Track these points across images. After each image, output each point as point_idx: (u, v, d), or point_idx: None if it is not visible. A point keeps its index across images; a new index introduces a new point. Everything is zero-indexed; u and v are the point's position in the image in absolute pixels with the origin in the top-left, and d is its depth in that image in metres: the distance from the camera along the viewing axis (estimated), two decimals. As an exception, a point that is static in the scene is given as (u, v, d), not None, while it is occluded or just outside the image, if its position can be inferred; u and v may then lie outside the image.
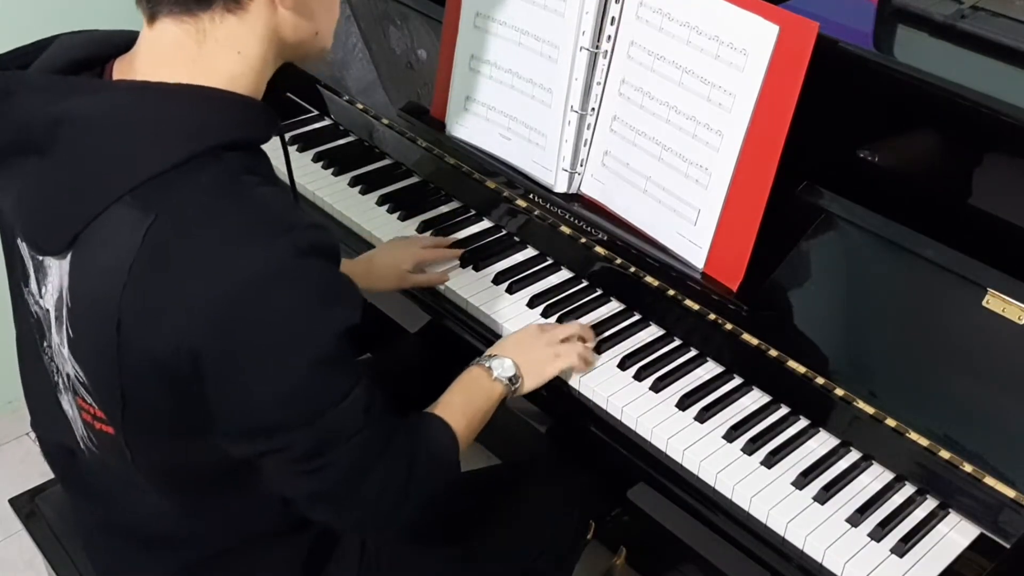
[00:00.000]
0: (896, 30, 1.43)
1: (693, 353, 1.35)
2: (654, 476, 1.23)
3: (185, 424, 0.96)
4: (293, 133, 1.81)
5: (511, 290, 1.45)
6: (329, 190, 1.67)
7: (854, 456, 1.21)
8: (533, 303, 1.43)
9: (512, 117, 1.48)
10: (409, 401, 1.10)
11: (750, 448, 1.21)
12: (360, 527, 1.03)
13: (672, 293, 1.35)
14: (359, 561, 1.20)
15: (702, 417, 1.25)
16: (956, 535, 1.13)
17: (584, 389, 1.30)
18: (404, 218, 1.60)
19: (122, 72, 0.95)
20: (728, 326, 1.29)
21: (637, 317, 1.41)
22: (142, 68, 0.93)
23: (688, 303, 1.33)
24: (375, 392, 0.99)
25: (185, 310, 0.86)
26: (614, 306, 1.43)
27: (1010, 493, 1.08)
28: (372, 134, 1.77)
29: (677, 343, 1.37)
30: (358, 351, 1.71)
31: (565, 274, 1.49)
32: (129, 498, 1.08)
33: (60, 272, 0.94)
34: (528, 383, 1.24)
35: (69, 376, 0.99)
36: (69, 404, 1.03)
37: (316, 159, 1.75)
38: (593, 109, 1.39)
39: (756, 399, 1.29)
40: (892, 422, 1.17)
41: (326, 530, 1.17)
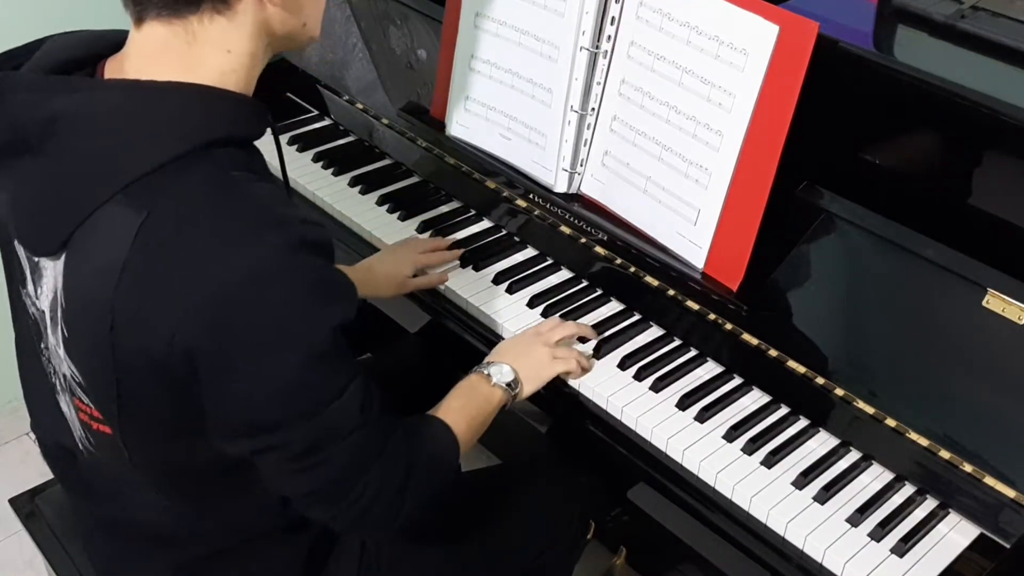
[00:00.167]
0: (896, 30, 1.43)
1: (693, 353, 1.35)
2: (654, 476, 1.23)
3: (182, 422, 0.96)
4: (293, 133, 1.81)
5: (511, 290, 1.45)
6: (329, 190, 1.67)
7: (854, 456, 1.21)
8: (533, 303, 1.43)
9: (512, 117, 1.48)
10: (409, 401, 1.10)
11: (750, 448, 1.21)
12: (358, 526, 1.03)
13: (672, 293, 1.35)
14: (359, 561, 1.20)
15: (702, 417, 1.25)
16: (956, 535, 1.13)
17: (584, 389, 1.30)
18: (404, 218, 1.60)
19: (113, 72, 0.95)
20: (728, 326, 1.29)
21: (637, 317, 1.41)
22: (132, 68, 0.93)
23: (688, 303, 1.33)
24: (372, 389, 0.99)
25: (178, 308, 0.86)
26: (614, 306, 1.43)
27: (1010, 493, 1.08)
28: (372, 134, 1.76)
29: (677, 343, 1.37)
30: (358, 351, 1.72)
31: (565, 274, 1.49)
32: (128, 498, 1.08)
33: (55, 273, 0.94)
34: (528, 388, 1.24)
35: (66, 376, 0.99)
36: (67, 405, 1.03)
37: (316, 159, 1.75)
38: (593, 109, 1.39)
39: (756, 399, 1.29)
40: (892, 422, 1.17)
41: (326, 529, 1.17)
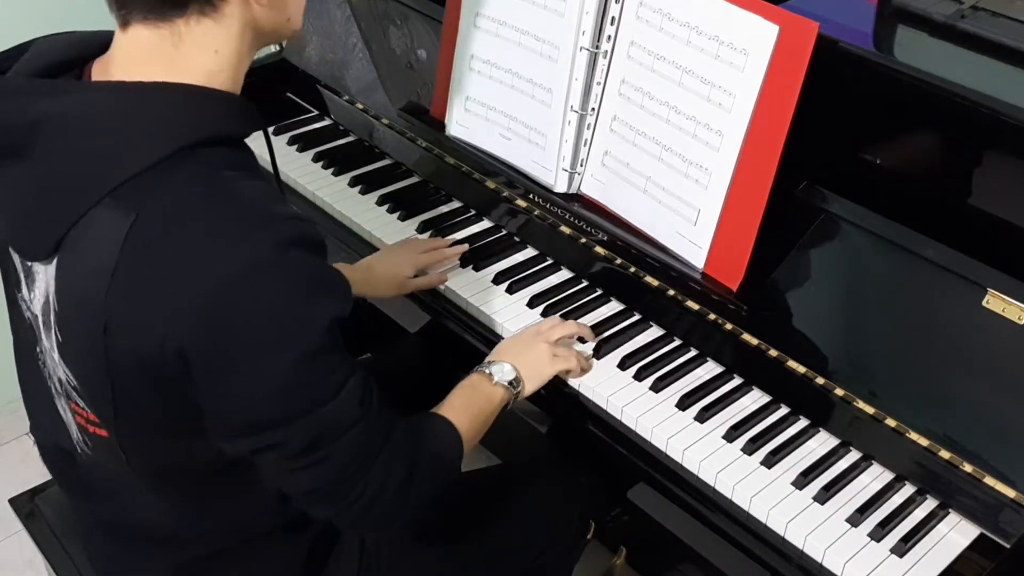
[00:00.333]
0: (896, 30, 1.43)
1: (693, 353, 1.35)
2: (654, 476, 1.23)
3: (178, 423, 0.96)
4: (293, 133, 1.81)
5: (511, 290, 1.45)
6: (329, 190, 1.67)
7: (854, 456, 1.21)
8: (533, 303, 1.43)
9: (512, 117, 1.47)
10: (409, 401, 1.10)
11: (750, 448, 1.21)
12: (361, 524, 1.03)
13: (672, 293, 1.35)
14: (359, 560, 1.20)
15: (702, 417, 1.25)
16: (956, 535, 1.13)
17: (584, 389, 1.30)
18: (404, 218, 1.60)
19: (99, 74, 0.95)
20: (728, 326, 1.29)
21: (637, 317, 1.41)
22: (118, 70, 0.93)
23: (688, 303, 1.33)
24: (371, 385, 0.98)
25: (170, 309, 0.86)
26: (614, 306, 1.43)
27: (1010, 493, 1.08)
28: (372, 134, 1.76)
29: (677, 343, 1.37)
30: (358, 351, 1.72)
31: (565, 274, 1.49)
32: (127, 499, 1.08)
33: (46, 277, 0.94)
34: (529, 386, 1.24)
35: (61, 380, 0.99)
36: (63, 408, 1.03)
37: (316, 159, 1.75)
38: (593, 109, 1.39)
39: (756, 399, 1.29)
40: (892, 422, 1.17)
41: (326, 529, 1.17)
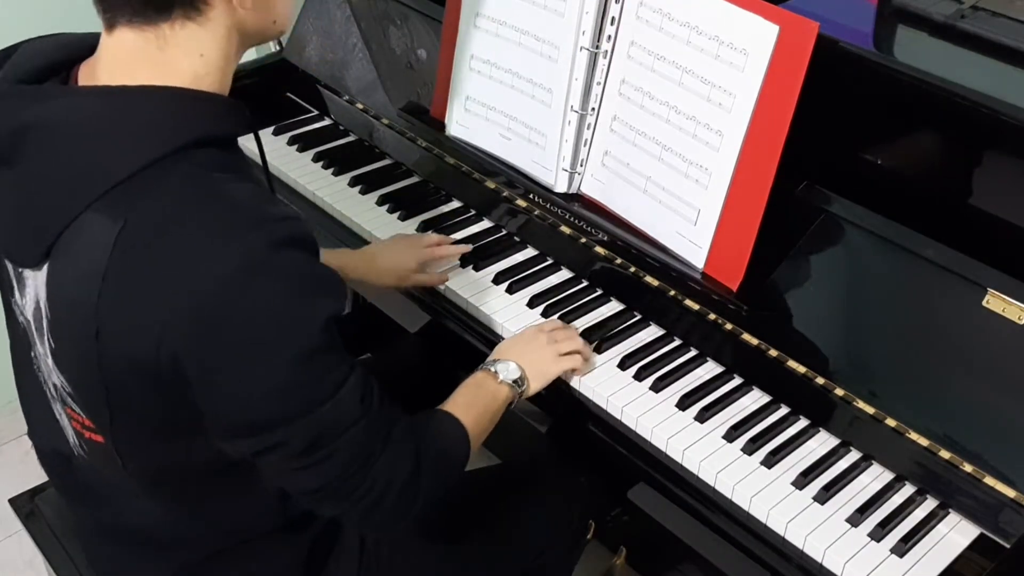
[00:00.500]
0: (896, 30, 1.43)
1: (693, 353, 1.35)
2: (654, 476, 1.23)
3: (175, 426, 0.95)
4: (293, 133, 1.81)
5: (511, 290, 1.45)
6: (329, 190, 1.67)
7: (854, 456, 1.21)
8: (533, 303, 1.43)
9: (512, 117, 1.47)
10: (409, 402, 1.10)
11: (750, 448, 1.21)
12: (369, 522, 1.02)
13: (672, 293, 1.35)
14: (359, 560, 1.20)
15: (702, 417, 1.25)
16: (956, 535, 1.13)
17: (584, 389, 1.30)
18: (404, 218, 1.60)
19: (86, 77, 0.95)
20: (728, 326, 1.29)
21: (637, 317, 1.41)
22: (105, 73, 0.93)
23: (688, 303, 1.33)
24: (371, 382, 0.98)
25: (162, 313, 0.86)
26: (614, 306, 1.43)
27: (1010, 493, 1.08)
28: (372, 134, 1.76)
29: (677, 343, 1.37)
30: (358, 351, 1.72)
31: (565, 274, 1.49)
32: (125, 503, 1.08)
33: (36, 283, 0.94)
34: (534, 385, 1.24)
35: (56, 386, 0.99)
36: (60, 413, 1.03)
37: (316, 159, 1.75)
38: (593, 109, 1.39)
39: (756, 399, 1.29)
40: (892, 422, 1.17)
41: (325, 529, 1.16)
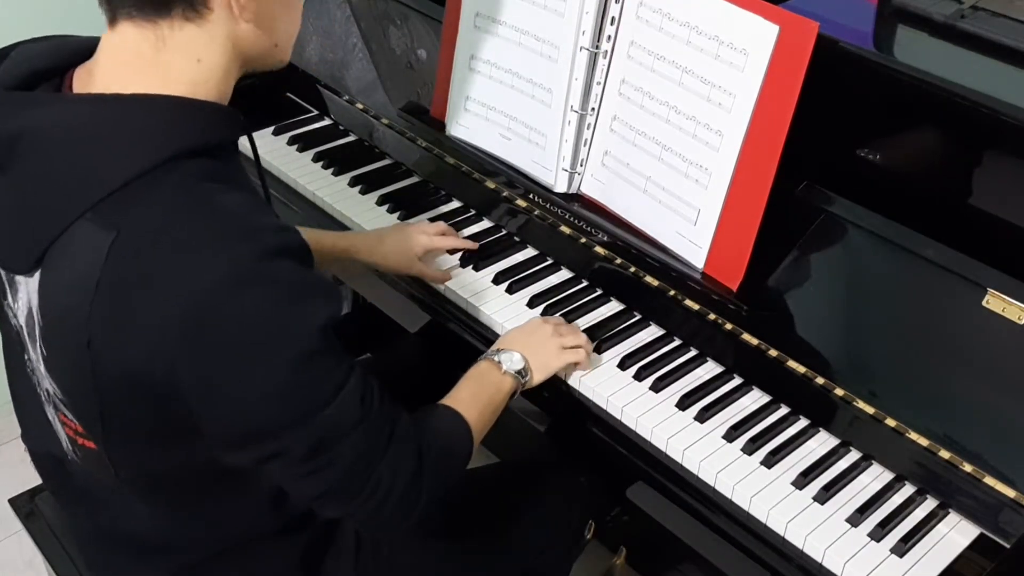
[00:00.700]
0: (896, 30, 1.43)
1: (693, 353, 1.35)
2: (654, 476, 1.23)
3: (168, 434, 0.95)
4: (293, 133, 1.81)
5: (511, 290, 1.45)
6: (329, 190, 1.67)
7: (854, 456, 1.21)
8: (533, 303, 1.43)
9: (512, 117, 1.48)
10: (409, 402, 1.10)
11: (750, 448, 1.21)
12: (375, 521, 1.02)
13: (672, 293, 1.35)
14: (355, 560, 1.20)
15: (702, 417, 1.25)
16: (956, 535, 1.13)
17: (584, 389, 1.30)
18: (404, 218, 1.60)
19: (82, 81, 0.94)
20: (728, 326, 1.29)
21: (637, 317, 1.41)
22: (102, 77, 0.92)
23: (688, 303, 1.33)
24: (371, 382, 0.98)
25: (154, 323, 0.86)
26: (614, 306, 1.43)
27: (1010, 493, 1.08)
28: (372, 134, 1.76)
29: (677, 343, 1.37)
30: (358, 351, 1.71)
31: (565, 274, 1.49)
32: (119, 507, 1.08)
33: (28, 290, 0.93)
34: (537, 376, 1.24)
35: (49, 392, 0.99)
36: (53, 417, 1.03)
37: (316, 159, 1.75)
38: (593, 109, 1.39)
39: (756, 399, 1.29)
40: (892, 422, 1.17)
41: (321, 529, 1.16)
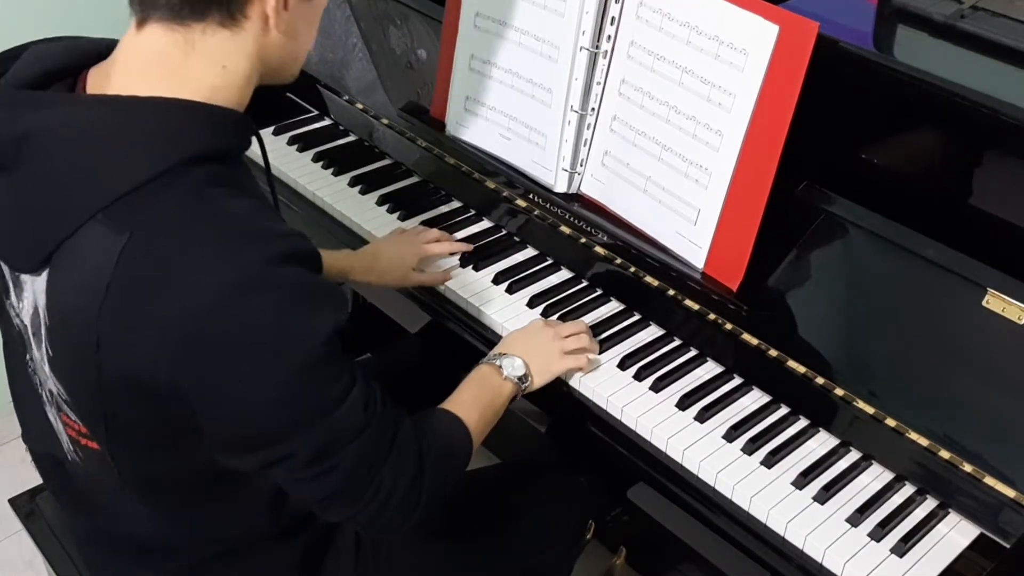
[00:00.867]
0: (896, 30, 1.43)
1: (693, 353, 1.35)
2: (654, 476, 1.23)
3: (171, 438, 0.95)
4: (293, 133, 1.81)
5: (511, 290, 1.45)
6: (329, 190, 1.67)
7: (854, 456, 1.21)
8: (533, 303, 1.43)
9: (512, 117, 1.48)
10: (409, 402, 1.10)
11: (750, 448, 1.21)
12: (377, 524, 1.02)
13: (672, 293, 1.35)
14: (355, 561, 1.20)
15: (702, 417, 1.25)
16: (956, 535, 1.13)
17: (584, 389, 1.30)
18: (404, 218, 1.60)
19: (96, 82, 0.94)
20: (728, 326, 1.29)
21: (637, 317, 1.41)
22: (119, 78, 0.92)
23: (688, 303, 1.33)
24: (374, 388, 0.98)
25: (163, 326, 0.86)
26: (614, 306, 1.43)
27: (1010, 493, 1.08)
28: (372, 134, 1.76)
29: (677, 343, 1.37)
30: (358, 351, 1.72)
31: (565, 274, 1.49)
32: (119, 508, 1.08)
33: (34, 289, 0.93)
34: (537, 381, 1.24)
35: (52, 392, 0.99)
36: (54, 418, 1.03)
37: (316, 159, 1.75)
38: (593, 109, 1.39)
39: (756, 399, 1.29)
40: (892, 422, 1.17)
41: (321, 530, 1.16)
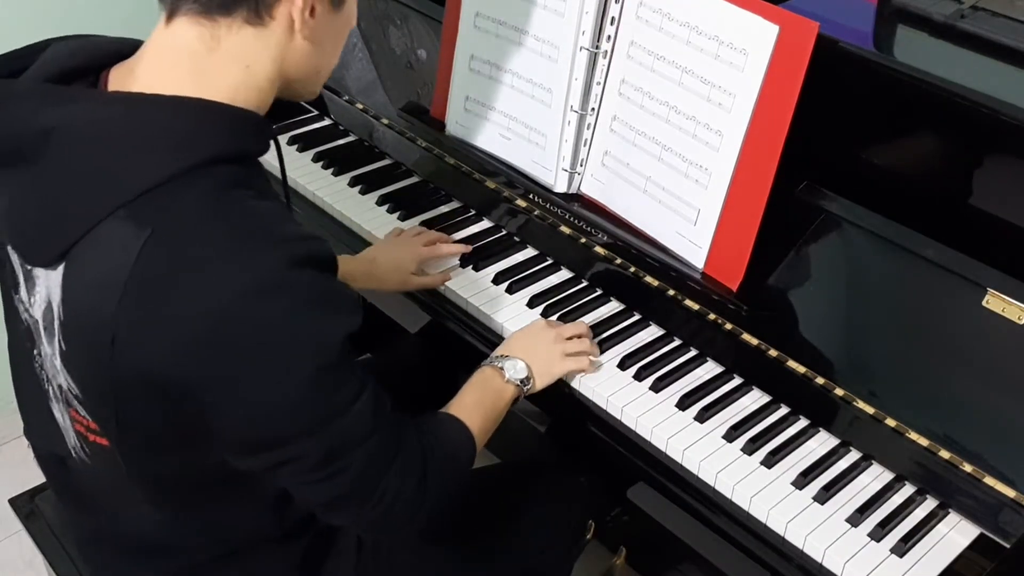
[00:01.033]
0: (896, 30, 1.43)
1: (693, 353, 1.35)
2: (654, 476, 1.23)
3: (181, 437, 0.95)
4: (293, 133, 1.81)
5: (511, 290, 1.45)
6: (329, 190, 1.67)
7: (854, 456, 1.21)
8: (533, 303, 1.43)
9: (512, 117, 1.48)
10: (409, 402, 1.10)
11: (750, 448, 1.21)
12: (380, 528, 1.03)
13: (672, 293, 1.35)
14: (356, 561, 1.20)
15: (702, 417, 1.25)
16: (956, 535, 1.13)
17: (584, 389, 1.30)
18: (404, 218, 1.60)
19: (119, 79, 0.94)
20: (728, 326, 1.29)
21: (637, 317, 1.41)
22: (144, 74, 0.92)
23: (688, 303, 1.33)
24: (383, 395, 0.99)
25: (178, 325, 0.86)
26: (614, 306, 1.43)
27: (1010, 493, 1.08)
28: (372, 134, 1.76)
29: (677, 343, 1.37)
30: (358, 351, 1.71)
31: (565, 274, 1.49)
32: (122, 507, 1.08)
33: (48, 283, 0.93)
34: (539, 383, 1.24)
35: (61, 387, 0.99)
36: (61, 414, 1.03)
37: (316, 159, 1.75)
38: (593, 109, 1.39)
39: (756, 399, 1.29)
40: (892, 422, 1.17)
41: (322, 531, 1.16)
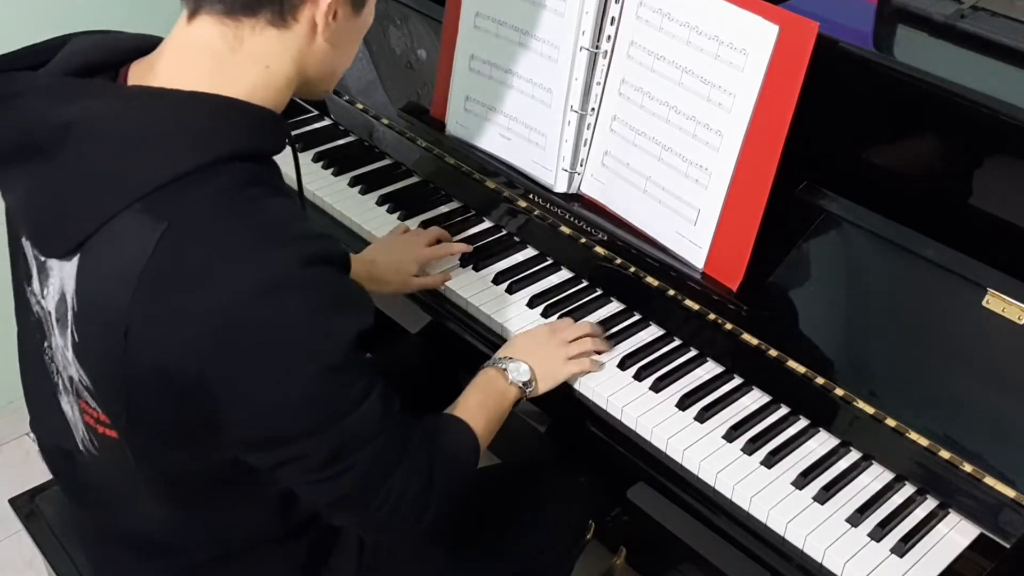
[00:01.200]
0: (896, 30, 1.43)
1: (693, 353, 1.35)
2: (654, 476, 1.23)
3: (189, 433, 0.95)
4: (293, 133, 1.80)
5: (511, 290, 1.45)
6: (329, 190, 1.67)
7: (854, 456, 1.21)
8: (533, 303, 1.43)
9: (512, 117, 1.48)
10: (410, 402, 1.10)
11: (750, 448, 1.21)
12: (385, 530, 1.03)
13: (672, 293, 1.35)
14: (358, 561, 1.20)
15: (702, 417, 1.25)
16: (956, 535, 1.13)
17: (584, 389, 1.30)
18: (404, 218, 1.60)
19: (139, 75, 0.95)
20: (728, 326, 1.29)
21: (637, 317, 1.41)
22: (164, 70, 0.93)
23: (688, 303, 1.33)
24: (392, 396, 0.99)
25: (192, 320, 0.86)
26: (614, 306, 1.43)
27: (1010, 493, 1.08)
28: (372, 134, 1.77)
29: (677, 343, 1.37)
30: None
31: (565, 274, 1.49)
32: (128, 504, 1.08)
33: (62, 275, 0.93)
34: (542, 386, 1.24)
35: (72, 379, 0.99)
36: (70, 406, 1.03)
37: (316, 159, 1.75)
38: (593, 109, 1.39)
39: (756, 399, 1.29)
40: (892, 422, 1.17)
41: (324, 532, 1.16)
